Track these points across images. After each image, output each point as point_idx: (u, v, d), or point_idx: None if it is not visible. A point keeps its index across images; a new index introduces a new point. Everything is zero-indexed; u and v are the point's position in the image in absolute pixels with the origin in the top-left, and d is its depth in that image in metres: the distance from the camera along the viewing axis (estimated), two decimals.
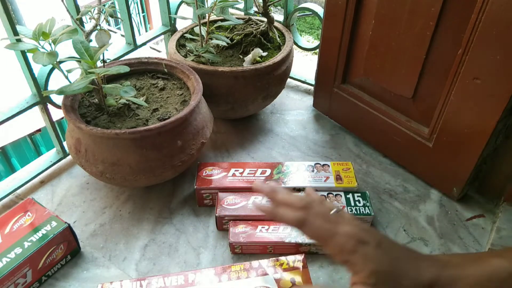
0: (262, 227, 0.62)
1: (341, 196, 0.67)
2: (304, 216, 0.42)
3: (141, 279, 0.52)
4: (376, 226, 0.67)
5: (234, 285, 0.51)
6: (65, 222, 0.59)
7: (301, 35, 3.54)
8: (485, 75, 0.57)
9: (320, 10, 0.90)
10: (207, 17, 0.80)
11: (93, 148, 0.61)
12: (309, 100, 0.97)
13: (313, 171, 0.70)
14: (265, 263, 0.53)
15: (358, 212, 0.64)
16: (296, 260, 0.53)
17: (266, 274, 0.52)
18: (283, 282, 0.51)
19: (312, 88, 0.96)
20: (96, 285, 0.53)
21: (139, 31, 4.73)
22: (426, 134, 0.70)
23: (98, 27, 0.62)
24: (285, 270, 0.52)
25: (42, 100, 0.70)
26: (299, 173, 0.70)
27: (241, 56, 0.82)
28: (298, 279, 0.51)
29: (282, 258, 0.54)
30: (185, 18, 0.81)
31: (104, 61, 0.68)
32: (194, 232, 0.67)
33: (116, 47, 0.83)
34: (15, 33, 0.60)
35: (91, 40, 0.64)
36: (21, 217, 0.59)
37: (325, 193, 0.67)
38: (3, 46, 0.56)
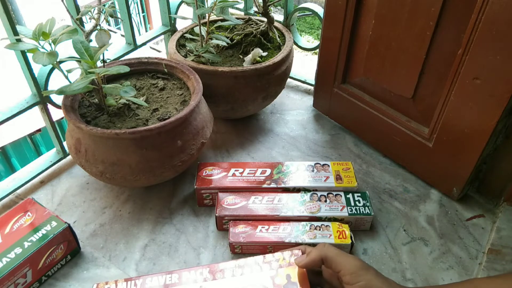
0: (262, 227, 0.62)
1: (341, 196, 0.67)
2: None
3: (135, 278, 0.52)
4: (376, 226, 0.68)
5: (228, 282, 0.51)
6: (65, 222, 0.59)
7: (301, 35, 3.54)
8: (485, 75, 0.57)
9: (320, 10, 0.90)
10: (207, 17, 0.80)
11: (93, 148, 0.61)
12: (309, 100, 0.97)
13: (313, 171, 0.70)
14: (260, 260, 0.53)
15: (358, 212, 0.64)
16: (292, 255, 0.53)
17: (261, 271, 0.52)
18: (278, 279, 0.50)
19: (312, 88, 0.96)
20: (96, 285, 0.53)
21: (139, 31, 4.73)
22: (426, 134, 0.70)
23: (98, 27, 0.62)
24: (280, 266, 0.51)
25: (42, 100, 0.70)
26: (299, 173, 0.70)
27: (241, 56, 0.82)
28: (293, 275, 0.51)
29: (278, 253, 0.53)
30: (185, 18, 0.81)
31: (104, 61, 0.68)
32: (194, 232, 0.67)
33: (116, 47, 0.83)
34: (15, 33, 0.60)
35: (91, 40, 0.64)
36: (21, 217, 0.59)
37: (325, 193, 0.67)
38: (3, 46, 0.56)
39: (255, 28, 0.86)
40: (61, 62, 0.60)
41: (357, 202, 0.66)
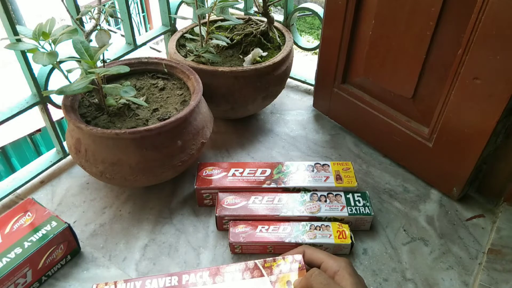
0: (262, 227, 0.62)
1: (341, 196, 0.67)
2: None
3: (134, 280, 0.52)
4: (376, 226, 0.68)
5: (228, 286, 0.50)
6: (65, 222, 0.59)
7: (301, 35, 3.54)
8: (485, 75, 0.57)
9: (320, 10, 0.90)
10: (207, 17, 0.80)
11: (93, 148, 0.61)
12: (309, 100, 0.97)
13: (313, 171, 0.70)
14: (261, 264, 0.52)
15: (358, 212, 0.64)
16: (294, 260, 0.52)
17: (261, 275, 0.51)
18: (279, 285, 0.50)
19: (312, 88, 0.97)
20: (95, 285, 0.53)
21: (139, 31, 4.74)
22: (426, 134, 0.70)
23: (98, 27, 0.62)
24: (281, 272, 0.51)
25: (42, 100, 0.70)
26: (299, 173, 0.70)
27: (241, 56, 0.82)
28: (294, 282, 0.50)
29: (279, 258, 0.52)
30: (185, 18, 0.81)
31: (104, 61, 0.68)
32: (194, 232, 0.67)
33: (116, 47, 0.83)
34: (15, 33, 0.60)
35: (91, 40, 0.64)
36: (21, 217, 0.59)
37: (325, 193, 0.67)
38: (3, 46, 0.56)
39: (255, 28, 0.86)
40: (61, 62, 0.60)
41: (357, 202, 0.66)
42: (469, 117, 0.62)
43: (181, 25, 0.92)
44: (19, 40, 0.58)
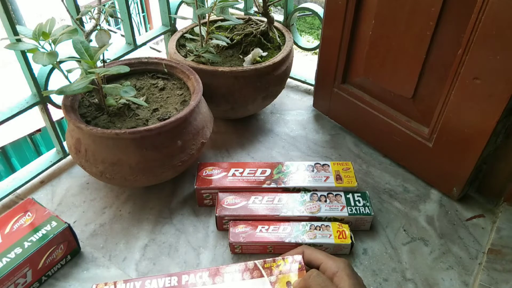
0: (262, 227, 0.62)
1: (341, 196, 0.67)
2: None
3: (134, 280, 0.52)
4: (376, 226, 0.68)
5: (228, 287, 0.50)
6: (65, 222, 0.59)
7: (301, 35, 3.54)
8: (485, 75, 0.57)
9: (320, 10, 0.90)
10: (207, 17, 0.80)
11: (93, 148, 0.61)
12: (309, 100, 0.97)
13: (313, 171, 0.70)
14: (261, 264, 0.52)
15: (358, 212, 0.64)
16: (293, 261, 0.52)
17: (261, 276, 0.51)
18: (279, 286, 0.50)
19: (312, 88, 0.97)
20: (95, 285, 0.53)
21: (139, 31, 4.74)
22: (426, 134, 0.70)
23: (98, 27, 0.62)
24: (281, 272, 0.51)
25: (42, 100, 0.70)
26: (299, 173, 0.70)
27: (241, 56, 0.82)
28: (293, 282, 0.50)
29: (279, 259, 0.52)
30: (185, 18, 0.81)
31: (104, 61, 0.68)
32: (194, 232, 0.67)
33: (116, 47, 0.83)
34: (15, 33, 0.60)
35: (91, 40, 0.64)
36: (21, 217, 0.59)
37: (325, 193, 0.67)
38: (3, 46, 0.56)
39: (255, 28, 0.86)
40: (61, 62, 0.60)
41: (357, 202, 0.66)
42: (469, 117, 0.62)
43: (181, 25, 0.92)
44: (19, 40, 0.58)
